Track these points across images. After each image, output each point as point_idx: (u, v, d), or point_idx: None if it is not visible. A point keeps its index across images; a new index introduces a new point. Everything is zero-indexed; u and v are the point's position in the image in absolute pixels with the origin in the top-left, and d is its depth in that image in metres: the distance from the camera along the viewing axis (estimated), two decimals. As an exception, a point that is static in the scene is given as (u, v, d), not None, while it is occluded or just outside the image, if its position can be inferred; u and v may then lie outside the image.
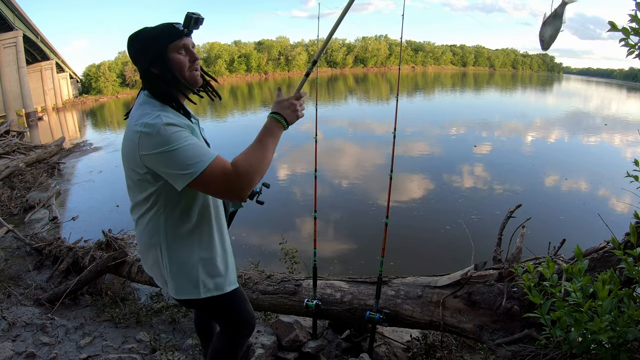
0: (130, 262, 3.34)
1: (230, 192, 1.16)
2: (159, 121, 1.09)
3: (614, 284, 1.20)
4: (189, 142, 1.10)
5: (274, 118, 1.24)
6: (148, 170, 1.15)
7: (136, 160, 1.14)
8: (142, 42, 1.19)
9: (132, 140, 1.13)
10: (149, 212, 1.25)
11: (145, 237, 1.31)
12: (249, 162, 1.14)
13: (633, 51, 1.29)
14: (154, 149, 1.08)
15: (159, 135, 1.08)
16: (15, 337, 2.50)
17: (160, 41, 1.18)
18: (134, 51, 1.21)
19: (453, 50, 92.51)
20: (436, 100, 28.05)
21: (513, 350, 1.58)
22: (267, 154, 1.19)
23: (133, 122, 1.15)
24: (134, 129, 1.12)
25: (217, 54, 61.80)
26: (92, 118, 26.75)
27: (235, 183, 1.12)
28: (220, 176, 1.11)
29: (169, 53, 1.18)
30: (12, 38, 23.76)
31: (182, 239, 1.28)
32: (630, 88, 61.35)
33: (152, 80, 1.21)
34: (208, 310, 1.53)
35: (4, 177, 8.08)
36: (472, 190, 7.33)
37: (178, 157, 1.08)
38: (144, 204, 1.25)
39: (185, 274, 1.30)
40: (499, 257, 2.13)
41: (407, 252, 4.79)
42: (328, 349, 2.42)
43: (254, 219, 5.93)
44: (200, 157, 1.09)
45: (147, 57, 1.19)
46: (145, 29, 1.21)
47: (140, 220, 1.29)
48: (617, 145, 12.19)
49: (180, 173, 1.09)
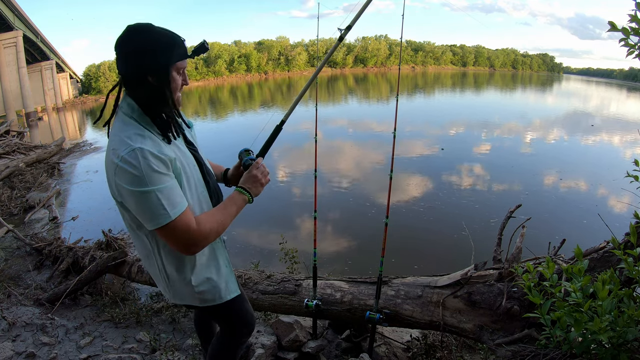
0: (130, 262, 3.34)
1: (186, 247, 1.15)
2: (137, 157, 1.03)
3: (614, 284, 1.20)
4: (163, 185, 1.06)
5: (240, 192, 1.30)
6: (123, 200, 1.11)
7: (113, 185, 1.10)
8: (150, 43, 1.07)
9: (110, 163, 1.08)
10: (140, 231, 1.21)
11: (142, 250, 1.29)
12: (212, 224, 1.18)
13: (633, 51, 1.29)
14: (128, 185, 1.05)
15: (134, 173, 1.03)
16: (15, 337, 2.50)
17: (169, 54, 1.09)
18: (135, 46, 1.06)
19: (453, 50, 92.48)
20: (436, 100, 28.05)
21: (513, 350, 1.58)
22: (227, 220, 1.24)
23: (113, 145, 1.08)
24: (112, 157, 1.06)
25: (217, 54, 61.79)
26: (92, 118, 26.74)
27: (195, 239, 1.14)
28: (182, 231, 1.11)
29: (171, 70, 1.12)
30: (12, 38, 23.78)
31: (178, 256, 1.25)
32: (631, 88, 61.35)
33: (145, 88, 1.10)
34: (208, 313, 1.54)
35: (4, 177, 8.08)
36: (472, 190, 7.33)
37: (147, 203, 1.06)
38: (132, 222, 1.19)
39: (185, 286, 1.30)
40: (499, 257, 2.13)
41: (407, 252, 4.79)
42: (328, 349, 2.42)
43: (254, 219, 5.93)
44: (169, 208, 1.07)
45: (149, 62, 1.07)
46: (153, 28, 1.09)
47: (133, 235, 1.26)
48: (616, 145, 12.19)
49: (146, 218, 1.08)
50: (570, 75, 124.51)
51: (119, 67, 1.10)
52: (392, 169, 2.26)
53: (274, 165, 9.65)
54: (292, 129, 14.53)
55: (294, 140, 11.08)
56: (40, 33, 28.83)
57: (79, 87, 49.02)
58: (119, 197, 1.11)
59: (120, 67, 1.10)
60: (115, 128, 1.13)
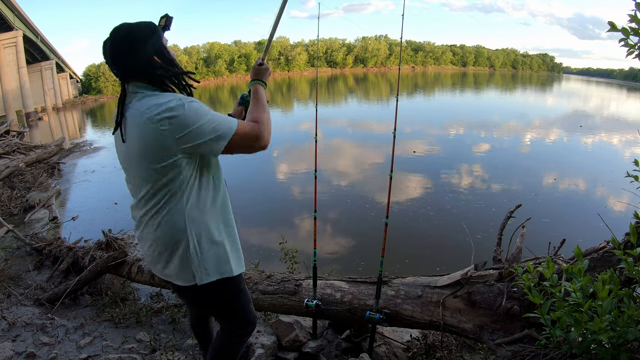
0: (130, 262, 3.34)
1: (260, 140, 1.31)
2: (182, 102, 1.16)
3: (614, 284, 1.20)
4: (213, 111, 1.23)
5: (257, 83, 1.50)
6: (182, 154, 1.19)
7: (165, 148, 1.16)
8: (143, 32, 1.20)
9: (153, 131, 1.15)
10: (170, 202, 1.24)
11: (165, 230, 1.27)
12: (261, 114, 1.36)
13: (633, 51, 1.29)
14: (191, 126, 1.15)
15: (189, 114, 1.15)
16: (15, 337, 2.50)
17: (158, 34, 1.24)
18: (135, 41, 1.18)
19: (453, 50, 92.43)
20: (436, 100, 28.06)
21: (513, 350, 1.58)
22: (266, 107, 1.43)
23: (147, 114, 1.15)
24: (152, 119, 1.14)
25: (217, 54, 61.80)
26: (92, 118, 26.75)
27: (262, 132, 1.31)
28: (250, 129, 1.29)
29: (164, 46, 1.27)
30: (12, 38, 23.77)
31: (210, 216, 1.31)
32: (631, 88, 61.33)
33: (157, 67, 1.22)
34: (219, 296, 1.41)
35: (4, 177, 8.08)
36: (472, 190, 7.32)
37: (213, 124, 1.19)
38: (163, 195, 1.24)
39: (216, 252, 1.32)
40: (499, 257, 2.13)
41: (407, 252, 4.79)
42: (328, 349, 2.42)
43: (254, 219, 5.93)
44: (229, 119, 1.25)
45: (150, 47, 1.20)
46: (131, 23, 1.22)
47: (156, 216, 1.26)
48: (616, 145, 12.20)
49: (219, 135, 1.21)
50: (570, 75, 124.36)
51: (124, 62, 1.20)
52: (392, 168, 2.26)
53: (274, 164, 9.65)
54: (292, 129, 14.54)
55: (294, 140, 11.07)
56: (40, 33, 28.84)
57: (79, 87, 49.02)
58: (176, 154, 1.18)
59: (125, 61, 1.19)
60: (141, 105, 1.19)
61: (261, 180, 8.40)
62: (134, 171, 1.26)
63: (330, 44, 73.88)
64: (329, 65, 72.94)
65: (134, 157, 1.22)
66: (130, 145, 1.21)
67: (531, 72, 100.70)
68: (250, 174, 8.58)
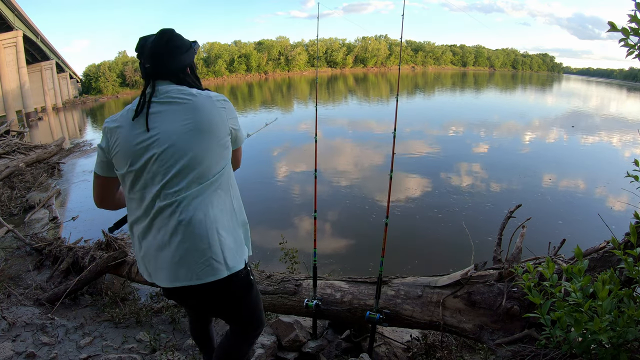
0: (130, 262, 3.34)
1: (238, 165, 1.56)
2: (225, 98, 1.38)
3: (614, 284, 1.20)
4: None
5: None
6: (231, 133, 1.36)
7: (225, 125, 1.32)
8: (185, 43, 1.36)
9: (218, 110, 1.30)
10: (219, 183, 1.31)
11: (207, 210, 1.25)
12: None
13: (633, 51, 1.29)
14: (234, 115, 1.39)
15: (231, 105, 1.39)
16: (15, 337, 2.50)
17: (194, 51, 1.41)
18: (178, 47, 1.32)
19: (453, 50, 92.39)
20: (436, 100, 28.06)
21: (513, 350, 1.58)
22: None
23: (205, 94, 1.31)
24: (213, 99, 1.31)
25: (217, 54, 61.80)
26: (92, 118, 26.75)
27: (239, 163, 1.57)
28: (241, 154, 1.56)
29: (195, 63, 1.45)
30: (12, 38, 23.77)
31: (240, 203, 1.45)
32: (631, 88, 61.32)
33: (188, 76, 1.37)
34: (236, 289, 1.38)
35: (4, 177, 8.08)
36: (472, 190, 7.33)
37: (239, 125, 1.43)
38: (218, 176, 1.30)
39: (238, 237, 1.39)
40: (499, 257, 2.13)
41: (407, 252, 4.79)
42: (328, 349, 2.42)
43: (254, 219, 5.91)
44: None
45: (187, 58, 1.35)
46: (176, 32, 1.37)
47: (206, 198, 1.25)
48: (616, 145, 12.20)
49: (242, 135, 1.48)
50: (570, 75, 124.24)
51: (163, 61, 1.28)
52: (392, 168, 2.26)
53: (273, 164, 9.65)
54: (292, 129, 14.54)
55: (293, 140, 11.07)
56: (40, 33, 28.83)
57: (79, 87, 49.05)
58: (229, 133, 1.35)
59: (164, 61, 1.29)
60: (187, 90, 1.30)
61: (261, 180, 8.40)
62: (196, 151, 1.22)
63: (330, 44, 73.88)
64: (329, 65, 72.93)
65: (204, 133, 1.25)
66: (175, 127, 1.22)
67: (531, 72, 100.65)
68: (250, 174, 8.58)
